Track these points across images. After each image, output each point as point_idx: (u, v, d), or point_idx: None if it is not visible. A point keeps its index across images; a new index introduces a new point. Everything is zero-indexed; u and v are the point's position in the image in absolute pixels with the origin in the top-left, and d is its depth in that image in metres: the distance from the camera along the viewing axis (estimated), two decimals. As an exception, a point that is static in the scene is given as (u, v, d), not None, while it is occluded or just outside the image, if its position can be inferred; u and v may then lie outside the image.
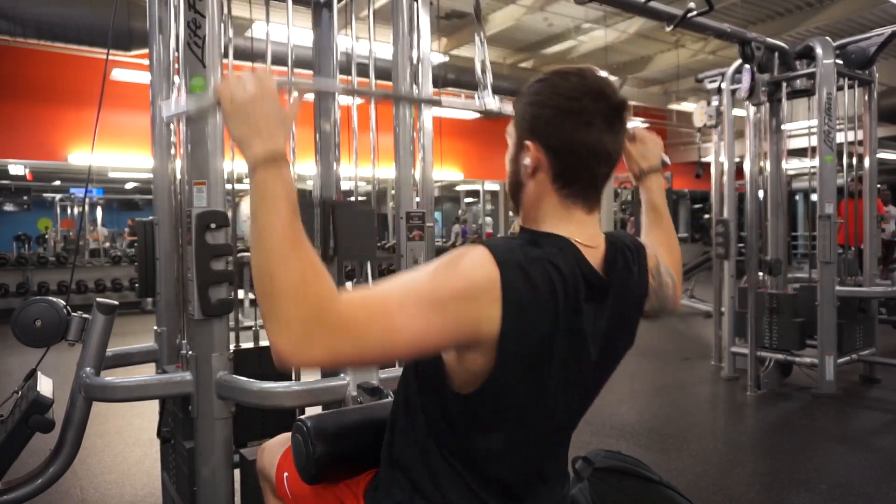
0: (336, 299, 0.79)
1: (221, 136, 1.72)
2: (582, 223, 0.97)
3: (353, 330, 0.79)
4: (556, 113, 0.93)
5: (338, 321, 0.78)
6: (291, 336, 0.77)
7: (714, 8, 3.13)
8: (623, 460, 1.23)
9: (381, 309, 0.80)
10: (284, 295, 0.77)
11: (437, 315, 0.81)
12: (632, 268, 1.01)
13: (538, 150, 0.94)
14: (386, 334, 0.80)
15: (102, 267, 8.80)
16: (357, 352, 0.80)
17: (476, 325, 0.83)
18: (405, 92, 1.51)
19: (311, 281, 0.78)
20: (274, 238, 0.80)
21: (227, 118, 0.88)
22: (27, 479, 1.71)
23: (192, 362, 1.70)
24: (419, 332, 0.81)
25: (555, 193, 0.96)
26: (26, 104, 8.33)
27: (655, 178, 1.31)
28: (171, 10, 2.07)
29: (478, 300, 0.82)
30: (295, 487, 1.22)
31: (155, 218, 2.26)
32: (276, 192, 0.83)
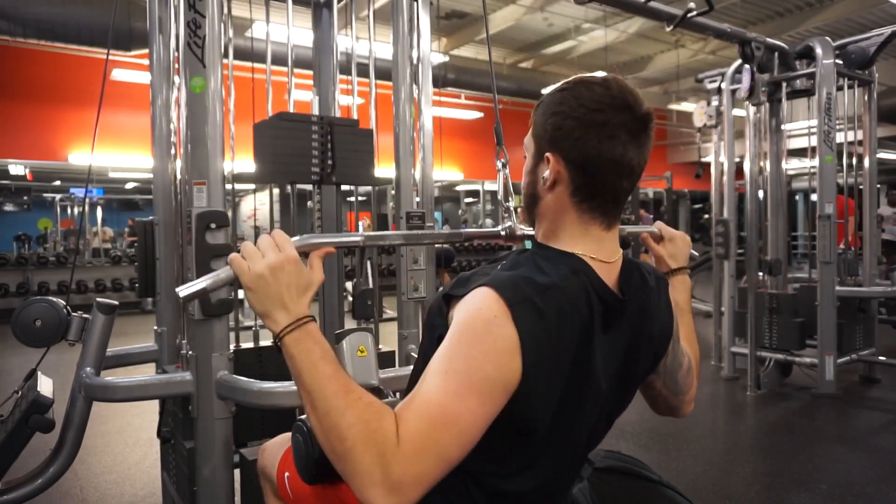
0: (395, 425, 0.77)
1: (221, 136, 1.72)
2: (599, 240, 0.94)
3: (428, 448, 0.77)
4: (579, 125, 0.90)
5: (411, 449, 0.76)
6: (377, 483, 0.74)
7: (714, 8, 3.13)
8: (623, 460, 1.23)
9: (440, 415, 0.78)
10: (355, 448, 0.76)
11: (488, 396, 0.80)
12: (651, 286, 0.99)
13: (558, 163, 0.92)
14: (457, 436, 0.78)
15: (102, 267, 8.80)
16: (441, 464, 0.78)
17: (510, 378, 0.81)
18: (430, 232, 1.50)
19: (373, 422, 0.77)
20: (327, 399, 0.79)
21: (248, 292, 0.85)
22: (27, 479, 1.71)
23: (192, 362, 1.70)
24: (479, 415, 0.79)
25: (573, 208, 0.93)
26: (26, 104, 8.34)
27: (682, 277, 1.29)
28: (171, 10, 2.08)
29: (508, 364, 0.81)
30: (296, 487, 1.22)
31: (155, 218, 2.26)
32: (311, 356, 0.82)
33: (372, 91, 2.35)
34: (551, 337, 0.83)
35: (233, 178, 2.20)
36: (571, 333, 0.85)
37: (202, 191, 1.67)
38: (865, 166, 4.51)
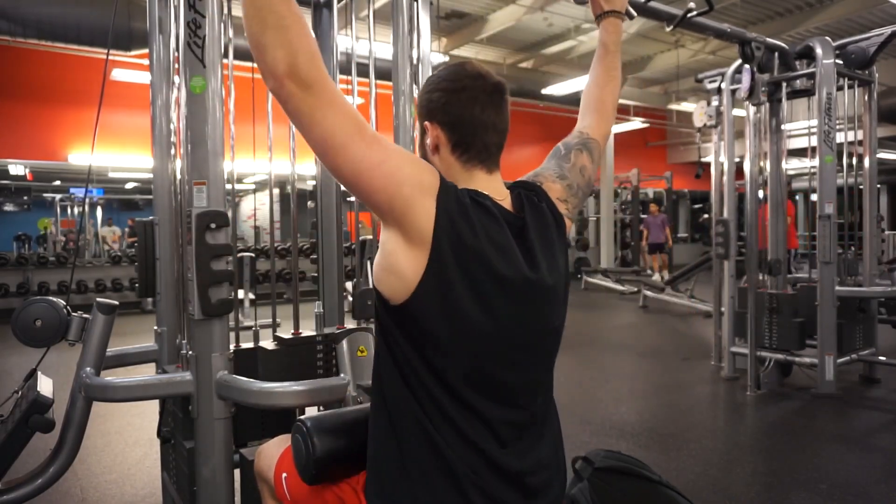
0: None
1: (221, 136, 1.72)
2: (486, 181, 1.11)
3: (324, 94, 0.93)
4: (445, 94, 1.10)
5: (319, 73, 0.92)
6: (286, 51, 0.90)
7: (714, 8, 3.12)
8: (623, 460, 1.23)
9: (356, 114, 0.96)
10: (291, 27, 0.91)
11: (393, 162, 0.97)
12: (540, 205, 1.15)
13: (435, 129, 1.10)
14: (350, 131, 0.94)
15: (102, 267, 8.80)
16: (314, 110, 0.93)
17: (411, 201, 0.96)
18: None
19: (306, 34, 0.93)
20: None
21: None
22: (27, 479, 1.71)
23: (192, 362, 1.70)
24: (374, 157, 0.95)
25: (457, 161, 1.11)
26: (26, 104, 8.34)
27: (614, 20, 1.39)
28: (171, 10, 2.08)
29: (421, 186, 0.98)
30: (294, 488, 1.22)
31: (155, 218, 2.26)
32: None
33: (372, 91, 2.35)
34: (467, 221, 0.99)
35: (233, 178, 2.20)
36: (487, 227, 1.01)
37: (202, 191, 1.67)
38: (865, 166, 4.51)
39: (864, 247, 4.52)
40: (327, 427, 1.19)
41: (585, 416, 2.17)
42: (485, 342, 1.01)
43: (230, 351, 1.76)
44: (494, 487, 1.00)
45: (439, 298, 0.98)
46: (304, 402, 1.67)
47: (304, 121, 0.94)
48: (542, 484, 1.06)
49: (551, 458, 1.09)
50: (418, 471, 0.99)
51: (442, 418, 0.99)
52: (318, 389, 1.64)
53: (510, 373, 1.04)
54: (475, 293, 1.00)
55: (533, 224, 1.11)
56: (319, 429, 1.17)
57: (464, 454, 0.99)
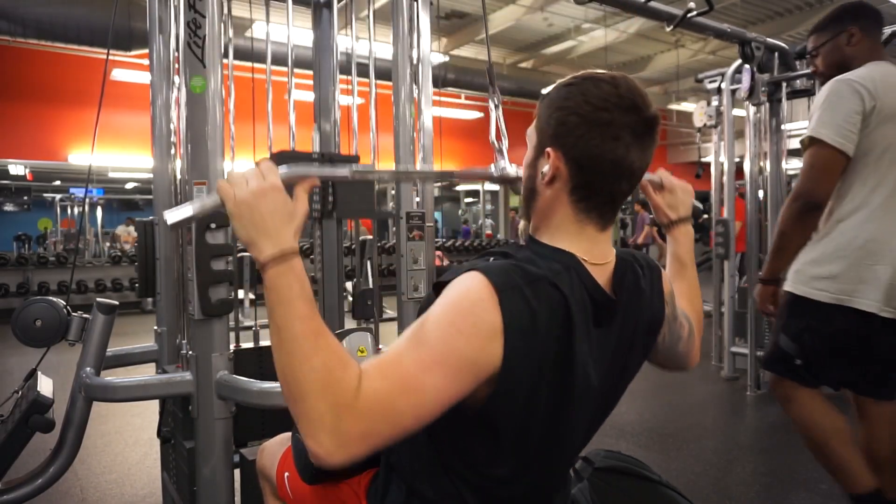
0: (358, 379, 0.76)
1: (221, 136, 1.72)
2: (593, 240, 0.94)
3: (384, 410, 0.76)
4: (583, 122, 0.89)
5: (366, 406, 0.75)
6: (326, 429, 0.74)
7: (714, 8, 3.12)
8: (623, 460, 1.23)
9: (405, 382, 0.77)
10: (312, 393, 0.75)
11: (457, 375, 0.79)
12: (642, 286, 0.99)
13: (559, 159, 0.91)
14: (415, 407, 0.78)
15: (102, 267, 8.80)
16: (393, 429, 0.77)
17: (487, 362, 0.81)
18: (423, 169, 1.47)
19: (336, 371, 0.76)
20: (295, 338, 0.78)
21: (232, 219, 0.84)
22: (27, 479, 1.71)
23: (192, 362, 1.70)
24: (443, 392, 0.79)
25: (570, 206, 0.92)
26: (26, 104, 8.34)
27: (684, 229, 1.27)
28: (171, 10, 2.08)
29: (486, 344, 0.81)
30: (296, 487, 1.22)
31: (155, 218, 2.26)
32: (290, 292, 0.80)
33: (372, 91, 2.35)
34: (539, 328, 0.82)
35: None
36: (560, 327, 0.85)
37: (202, 191, 1.67)
38: (865, 166, 4.50)
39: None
40: (327, 427, 1.18)
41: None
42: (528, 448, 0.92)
43: (230, 351, 1.76)
44: None
45: (502, 418, 0.87)
46: (304, 402, 1.67)
47: (392, 440, 0.78)
48: None
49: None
50: None
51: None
52: (318, 389, 1.63)
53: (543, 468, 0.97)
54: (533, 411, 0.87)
55: (624, 312, 0.94)
56: (319, 429, 1.16)
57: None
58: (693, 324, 1.19)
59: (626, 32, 9.41)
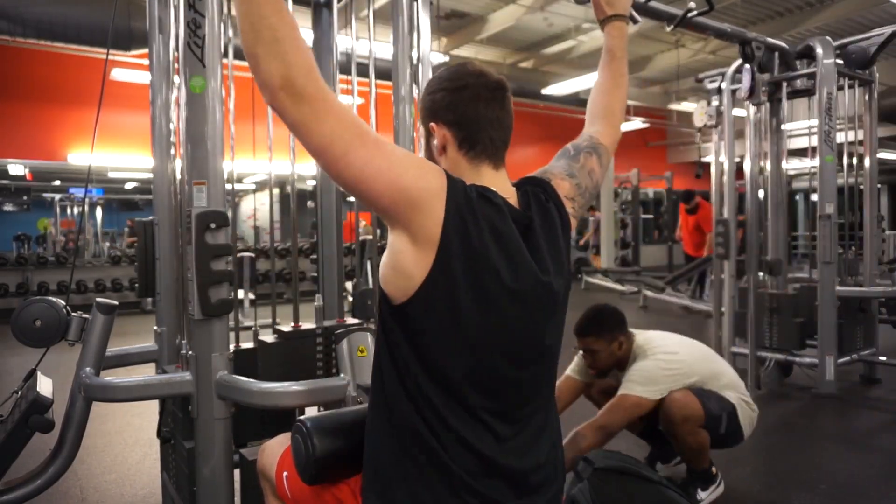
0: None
1: (221, 136, 1.72)
2: (493, 177, 1.11)
3: (325, 103, 0.93)
4: (447, 93, 1.10)
5: (315, 81, 0.93)
6: (282, 72, 0.91)
7: (714, 8, 3.12)
8: (623, 460, 1.23)
9: (357, 120, 0.96)
10: (284, 39, 0.93)
11: (396, 165, 0.96)
12: (547, 204, 1.14)
13: (441, 128, 1.11)
14: (349, 138, 0.94)
15: (102, 267, 8.79)
16: (315, 119, 0.93)
17: (416, 206, 0.96)
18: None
19: (292, 36, 0.94)
20: None
21: None
22: (27, 479, 1.71)
23: (192, 362, 1.70)
24: (376, 162, 0.95)
25: (463, 158, 1.11)
26: (26, 104, 8.33)
27: (619, 24, 1.37)
28: (171, 10, 2.07)
29: (427, 189, 0.97)
30: (294, 487, 1.22)
31: (155, 218, 2.26)
32: None
33: (372, 91, 2.35)
34: (473, 211, 0.99)
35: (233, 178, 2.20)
36: (491, 219, 1.01)
37: (202, 191, 1.67)
38: (866, 166, 4.51)
39: (864, 247, 4.52)
40: (327, 427, 1.18)
41: (586, 416, 2.18)
42: (487, 342, 1.01)
43: (230, 351, 1.76)
44: (490, 487, 1.00)
45: (444, 297, 0.98)
46: (304, 402, 1.67)
47: (302, 131, 0.94)
48: (541, 481, 1.06)
49: (550, 456, 1.09)
50: (415, 470, 0.99)
51: (438, 419, 0.99)
52: (318, 390, 1.64)
53: (512, 371, 1.04)
54: (480, 294, 0.99)
55: (540, 222, 1.10)
56: (319, 429, 1.17)
57: (459, 455, 0.99)
58: (603, 141, 1.33)
59: (626, 33, 9.39)
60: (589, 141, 1.31)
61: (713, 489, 2.40)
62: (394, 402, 1.02)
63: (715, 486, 2.42)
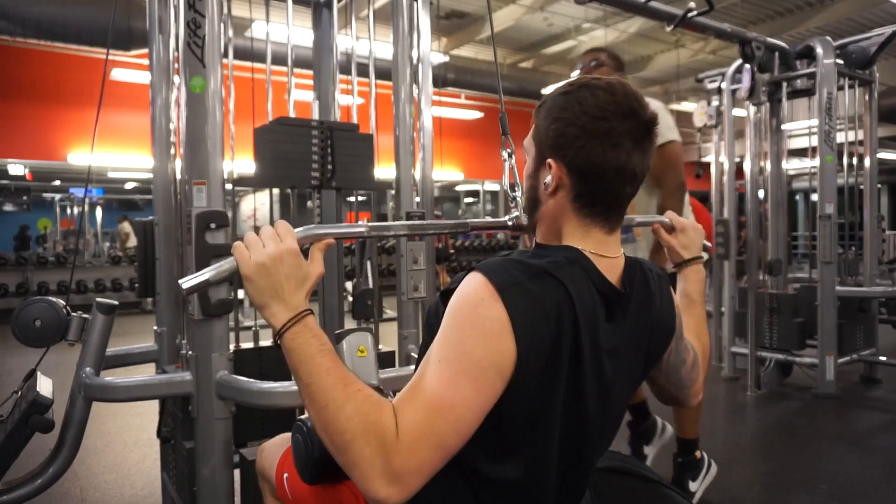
0: (392, 416, 0.78)
1: (221, 136, 1.72)
2: (600, 241, 0.94)
3: (427, 437, 0.77)
4: (583, 133, 0.89)
5: (410, 440, 0.76)
6: (378, 474, 0.75)
7: (714, 8, 3.12)
8: (623, 460, 1.23)
9: (436, 403, 0.78)
10: (355, 440, 0.76)
11: (482, 380, 0.80)
12: (651, 288, 0.98)
13: (560, 170, 0.91)
14: (454, 423, 0.79)
15: (102, 267, 8.80)
16: (441, 453, 0.78)
17: (505, 360, 0.81)
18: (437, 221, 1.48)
19: (371, 414, 0.77)
20: (325, 392, 0.79)
21: (247, 282, 0.85)
22: (27, 479, 1.71)
23: (192, 362, 1.70)
24: (473, 401, 0.80)
25: (574, 213, 0.93)
26: (26, 104, 8.33)
27: (695, 268, 1.27)
28: (171, 10, 2.07)
29: (500, 346, 0.81)
30: (295, 488, 1.22)
31: (155, 218, 2.26)
32: (309, 349, 0.82)
33: (372, 91, 2.35)
34: (543, 320, 0.82)
35: (233, 178, 2.20)
36: (566, 318, 0.84)
37: (202, 191, 1.66)
38: (866, 166, 4.51)
39: (864, 247, 4.52)
40: (327, 427, 1.18)
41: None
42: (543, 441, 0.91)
43: (230, 351, 1.76)
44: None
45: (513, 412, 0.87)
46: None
47: (443, 462, 0.80)
48: None
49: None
50: None
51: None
52: (318, 389, 1.63)
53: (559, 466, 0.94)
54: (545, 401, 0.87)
55: (634, 309, 0.94)
56: (319, 429, 1.16)
57: None
58: (699, 356, 1.17)
59: (626, 32, 9.41)
60: (694, 346, 1.17)
61: (703, 476, 2.44)
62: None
63: (704, 472, 2.45)
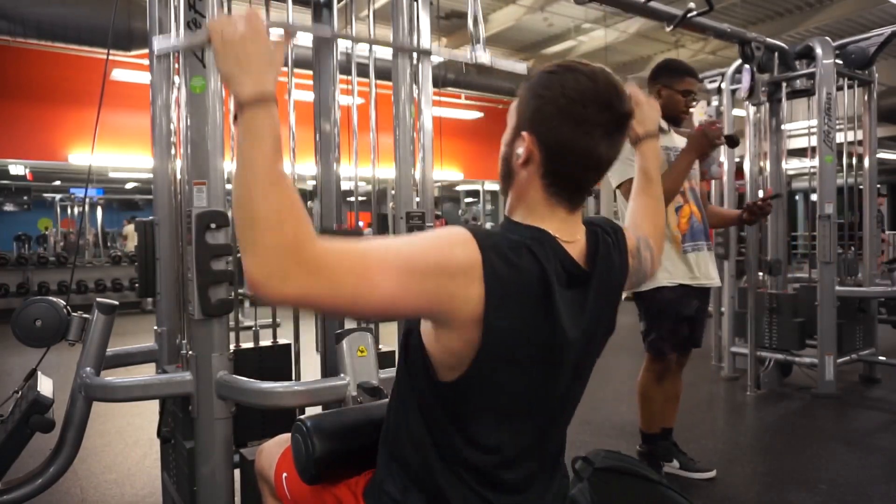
0: (314, 240, 0.80)
1: (221, 136, 1.72)
2: (564, 221, 0.98)
3: (329, 274, 0.79)
4: (559, 113, 0.93)
5: (314, 261, 0.78)
6: (266, 266, 0.77)
7: (714, 8, 3.12)
8: (623, 460, 1.23)
9: (359, 262, 0.81)
10: (263, 225, 0.78)
11: (415, 282, 0.82)
12: (613, 255, 1.04)
13: (533, 143, 0.95)
14: (360, 286, 0.81)
15: (102, 267, 8.80)
16: (328, 296, 0.80)
17: (451, 301, 0.84)
18: (401, 42, 1.46)
19: (289, 217, 0.79)
20: (256, 172, 0.81)
21: (217, 55, 0.88)
22: (27, 479, 1.72)
23: (192, 362, 1.70)
24: (393, 292, 0.82)
25: (542, 188, 0.97)
26: (26, 104, 8.33)
27: (651, 143, 1.31)
28: (171, 10, 2.07)
29: (455, 277, 0.84)
30: (294, 488, 1.22)
31: (155, 218, 2.26)
32: (262, 129, 0.84)
33: (372, 91, 2.35)
34: (516, 284, 0.87)
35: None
36: (537, 287, 0.89)
37: (202, 191, 1.67)
38: (865, 166, 4.51)
39: (864, 247, 4.52)
40: (327, 427, 1.18)
41: (585, 416, 2.18)
42: (519, 408, 0.97)
43: (230, 351, 1.76)
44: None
45: (491, 379, 0.92)
46: (304, 402, 1.67)
47: (322, 307, 0.83)
48: None
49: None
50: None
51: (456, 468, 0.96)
52: (318, 389, 1.64)
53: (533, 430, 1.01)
54: (521, 367, 0.92)
55: (597, 281, 0.99)
56: (319, 429, 1.17)
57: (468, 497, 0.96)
58: (653, 246, 1.23)
59: (626, 32, 9.41)
60: (647, 240, 1.22)
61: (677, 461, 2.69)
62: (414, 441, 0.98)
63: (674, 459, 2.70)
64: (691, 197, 2.52)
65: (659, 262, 1.26)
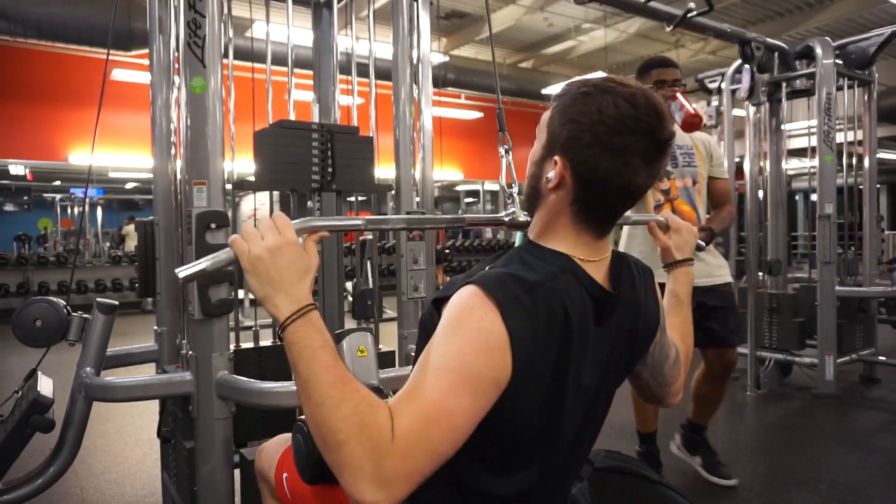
0: (388, 420, 0.77)
1: (221, 136, 1.72)
2: (589, 245, 0.94)
3: (421, 443, 0.76)
4: (596, 142, 0.86)
5: (405, 444, 0.75)
6: (367, 477, 0.74)
7: (714, 8, 3.12)
8: (623, 460, 1.23)
9: (434, 410, 0.78)
10: (349, 440, 0.75)
11: (479, 391, 0.80)
12: (637, 284, 1.00)
13: (566, 169, 0.89)
14: (449, 432, 0.78)
15: (102, 267, 8.80)
16: (434, 459, 0.77)
17: (501, 376, 0.82)
18: (434, 216, 1.47)
19: (367, 415, 0.76)
20: (323, 390, 0.78)
21: (247, 274, 0.84)
22: (27, 479, 1.71)
23: (192, 362, 1.70)
24: (469, 410, 0.79)
25: (570, 214, 0.92)
26: (26, 104, 8.34)
27: (685, 270, 1.27)
28: (171, 10, 2.08)
29: (499, 362, 0.81)
30: (294, 488, 1.22)
31: (155, 218, 2.26)
32: (311, 343, 0.81)
33: (372, 91, 2.35)
34: (539, 334, 0.83)
35: (233, 177, 2.20)
36: (559, 330, 0.85)
37: (202, 191, 1.67)
38: (865, 166, 4.51)
39: (864, 247, 4.53)
40: (327, 427, 1.18)
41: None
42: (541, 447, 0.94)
43: (230, 351, 1.76)
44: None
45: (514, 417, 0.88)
46: (304, 402, 1.67)
47: (437, 467, 0.79)
48: None
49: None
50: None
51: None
52: (318, 389, 1.63)
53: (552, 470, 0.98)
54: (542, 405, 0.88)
55: (622, 306, 0.95)
56: (319, 429, 1.16)
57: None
58: (681, 354, 1.19)
59: (626, 32, 9.41)
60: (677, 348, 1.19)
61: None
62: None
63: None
64: (683, 195, 2.50)
65: (682, 380, 1.22)
